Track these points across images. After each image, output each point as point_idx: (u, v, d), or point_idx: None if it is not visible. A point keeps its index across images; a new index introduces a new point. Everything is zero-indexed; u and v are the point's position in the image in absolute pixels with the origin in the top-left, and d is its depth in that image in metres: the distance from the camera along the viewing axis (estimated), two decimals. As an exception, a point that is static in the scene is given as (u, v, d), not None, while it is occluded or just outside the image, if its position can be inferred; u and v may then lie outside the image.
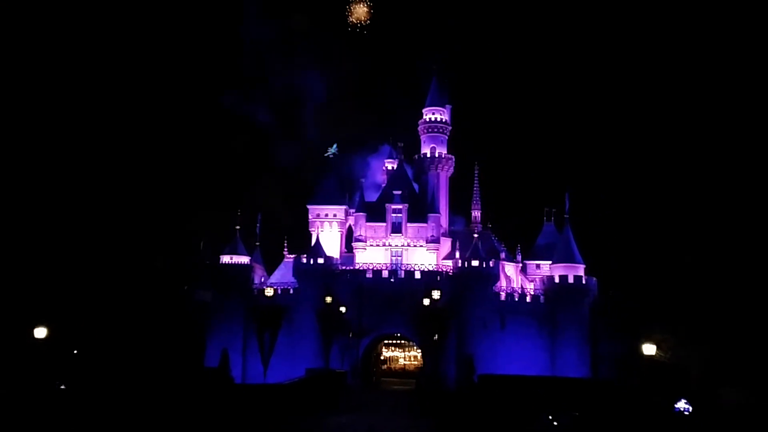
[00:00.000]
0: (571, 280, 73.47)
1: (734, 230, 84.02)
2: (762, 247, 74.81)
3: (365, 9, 66.12)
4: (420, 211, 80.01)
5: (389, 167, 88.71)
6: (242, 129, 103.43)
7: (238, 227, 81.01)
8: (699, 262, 75.48)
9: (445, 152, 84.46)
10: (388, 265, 77.52)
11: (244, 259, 78.98)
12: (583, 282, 73.90)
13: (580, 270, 75.25)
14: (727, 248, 77.52)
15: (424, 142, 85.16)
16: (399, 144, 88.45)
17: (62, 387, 46.50)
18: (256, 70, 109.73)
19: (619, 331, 68.78)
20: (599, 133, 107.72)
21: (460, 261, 73.99)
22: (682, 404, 50.41)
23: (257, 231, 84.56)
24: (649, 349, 36.46)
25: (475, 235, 77.58)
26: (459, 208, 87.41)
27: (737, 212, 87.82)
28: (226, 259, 78.60)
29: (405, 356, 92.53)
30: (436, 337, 71.20)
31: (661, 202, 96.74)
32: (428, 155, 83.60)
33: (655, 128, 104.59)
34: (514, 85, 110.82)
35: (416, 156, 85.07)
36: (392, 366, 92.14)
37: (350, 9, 66.74)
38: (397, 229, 79.73)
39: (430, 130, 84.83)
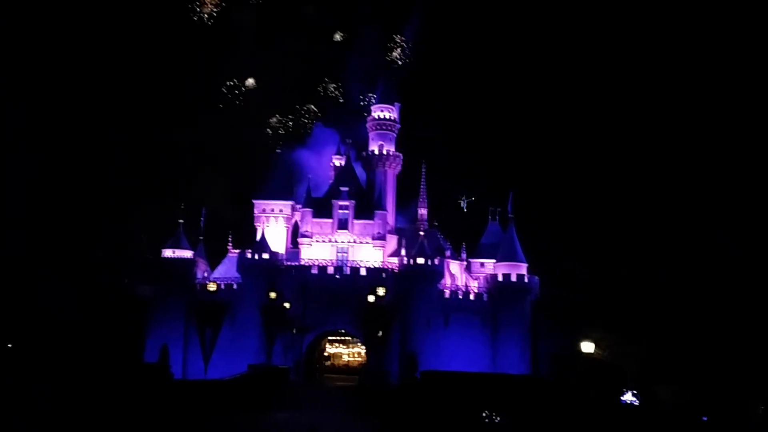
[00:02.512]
0: (513, 278, 74.65)
1: (668, 235, 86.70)
2: (694, 252, 77.40)
3: None
4: (367, 208, 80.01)
5: (337, 163, 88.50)
6: (186, 120, 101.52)
7: (181, 221, 79.63)
8: (634, 265, 77.79)
9: (393, 150, 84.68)
10: (334, 261, 77.32)
11: (187, 254, 77.69)
12: (526, 281, 75.16)
13: (523, 269, 76.50)
14: (661, 252, 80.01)
15: (373, 140, 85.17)
16: (347, 140, 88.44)
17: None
18: (198, 61, 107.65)
19: (558, 329, 70.29)
20: (543, 134, 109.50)
21: (405, 258, 74.33)
22: (629, 396, 51.88)
23: (201, 225, 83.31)
24: (587, 347, 37.21)
25: (421, 233, 78.02)
26: (406, 206, 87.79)
27: (671, 218, 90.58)
28: (168, 253, 77.14)
29: (349, 353, 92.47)
30: (380, 333, 71.39)
31: (600, 206, 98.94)
32: (376, 152, 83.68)
33: (595, 131, 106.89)
34: (462, 85, 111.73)
35: (364, 153, 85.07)
36: (336, 362, 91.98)
37: None
38: (343, 225, 79.58)
39: (378, 127, 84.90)
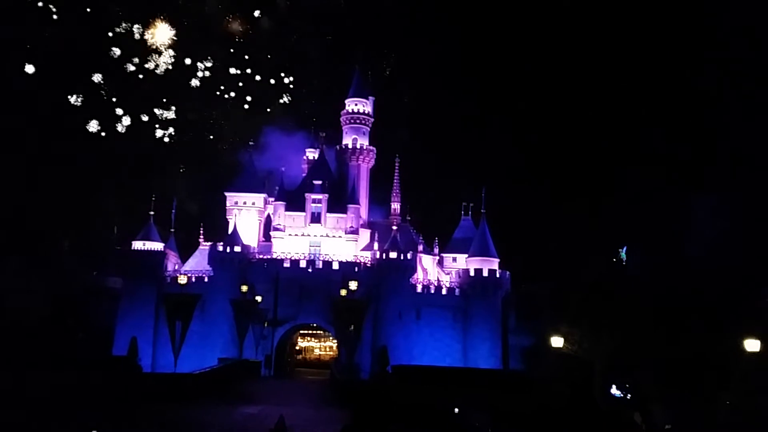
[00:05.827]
0: (485, 273, 75.12)
1: (633, 231, 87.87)
2: (658, 252, 78.50)
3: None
4: (340, 202, 79.95)
5: (310, 156, 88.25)
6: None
7: (152, 212, 78.81)
8: (601, 260, 78.78)
9: (367, 144, 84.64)
10: (306, 254, 77.14)
11: (158, 246, 76.92)
12: (497, 275, 75.67)
13: (495, 264, 77.01)
14: (627, 249, 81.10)
15: (346, 133, 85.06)
16: (321, 134, 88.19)
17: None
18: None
19: (528, 323, 70.84)
20: (516, 131, 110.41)
21: (378, 252, 74.45)
22: (614, 390, 52.66)
23: (172, 217, 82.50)
24: (556, 341, 37.58)
25: (394, 227, 78.19)
26: (379, 200, 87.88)
27: (639, 215, 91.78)
28: (138, 245, 76.30)
29: (320, 346, 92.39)
30: (352, 327, 71.35)
31: (569, 201, 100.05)
32: (349, 146, 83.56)
33: (567, 130, 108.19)
34: (435, 81, 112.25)
35: (338, 146, 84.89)
36: (307, 356, 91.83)
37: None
38: (316, 218, 79.42)
39: (352, 121, 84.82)
